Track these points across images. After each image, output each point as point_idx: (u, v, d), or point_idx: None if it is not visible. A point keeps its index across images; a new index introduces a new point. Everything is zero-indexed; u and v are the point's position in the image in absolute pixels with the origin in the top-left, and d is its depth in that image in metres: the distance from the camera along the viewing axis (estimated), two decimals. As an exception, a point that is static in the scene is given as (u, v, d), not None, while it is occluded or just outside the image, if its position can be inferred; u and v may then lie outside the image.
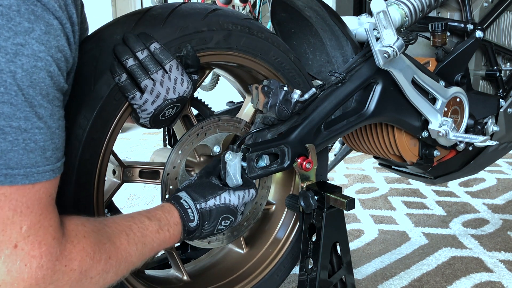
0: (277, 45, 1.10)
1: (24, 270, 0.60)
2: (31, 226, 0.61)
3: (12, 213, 0.59)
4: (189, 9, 0.98)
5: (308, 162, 1.07)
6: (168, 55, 0.88)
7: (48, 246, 0.63)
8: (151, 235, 0.80)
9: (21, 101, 0.56)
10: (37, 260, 0.61)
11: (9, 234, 0.59)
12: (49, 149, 0.60)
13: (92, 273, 0.69)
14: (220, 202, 0.91)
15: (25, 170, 0.58)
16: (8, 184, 0.57)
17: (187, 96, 0.93)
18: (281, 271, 1.22)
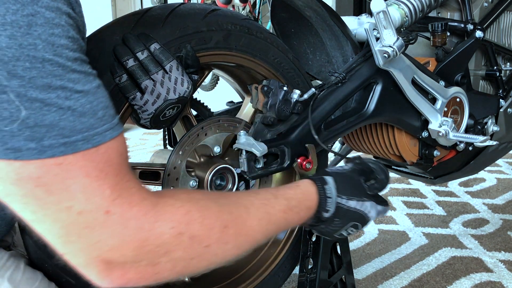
0: (276, 45, 1.10)
1: (125, 232, 0.60)
2: (113, 189, 0.59)
3: (89, 180, 0.58)
4: (189, 9, 0.98)
5: (308, 162, 1.07)
6: (168, 55, 0.88)
7: (140, 206, 0.61)
8: (276, 213, 0.77)
9: (51, 71, 0.54)
10: (133, 221, 0.60)
11: (96, 201, 0.58)
12: (99, 109, 0.59)
13: (206, 241, 0.66)
14: (360, 208, 0.90)
15: (83, 135, 0.57)
16: (71, 153, 0.56)
17: (188, 97, 0.93)
18: (283, 271, 1.22)
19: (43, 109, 0.54)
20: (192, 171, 1.09)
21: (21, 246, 0.90)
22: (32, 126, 0.54)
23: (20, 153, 0.54)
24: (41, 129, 0.54)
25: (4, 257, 0.78)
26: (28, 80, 0.53)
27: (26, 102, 0.53)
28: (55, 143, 0.55)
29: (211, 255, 0.68)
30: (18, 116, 0.53)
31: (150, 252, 0.62)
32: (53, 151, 0.55)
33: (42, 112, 0.54)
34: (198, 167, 1.09)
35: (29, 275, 0.80)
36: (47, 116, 0.54)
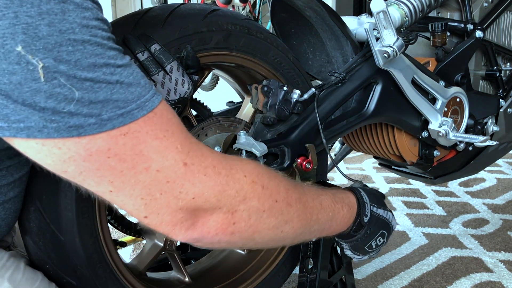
0: (276, 45, 1.10)
1: (205, 179, 0.64)
2: (183, 143, 0.63)
3: (159, 141, 0.61)
4: (189, 9, 0.98)
5: (308, 162, 1.07)
6: (168, 56, 0.88)
7: (212, 157, 0.66)
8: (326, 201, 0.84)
9: (92, 51, 0.57)
10: (212, 168, 0.65)
11: (172, 156, 0.62)
12: (140, 79, 0.62)
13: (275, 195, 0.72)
14: (386, 216, 0.96)
15: (136, 103, 0.60)
16: (132, 121, 0.59)
17: (188, 97, 0.93)
18: (283, 271, 1.22)
19: (94, 87, 0.57)
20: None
21: (21, 247, 0.90)
22: (87, 104, 0.57)
23: (83, 129, 0.57)
24: (97, 105, 0.57)
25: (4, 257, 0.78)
26: (74, 63, 0.56)
27: (77, 83, 0.56)
28: (113, 115, 0.58)
29: (278, 212, 0.73)
30: (73, 97, 0.56)
31: (230, 197, 0.67)
32: (113, 123, 0.58)
33: (93, 90, 0.57)
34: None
35: (29, 275, 0.80)
36: (99, 93, 0.57)
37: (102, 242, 0.90)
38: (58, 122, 0.56)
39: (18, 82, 0.54)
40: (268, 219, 0.72)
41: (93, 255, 0.88)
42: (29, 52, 0.54)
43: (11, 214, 0.80)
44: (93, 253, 0.88)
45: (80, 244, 0.86)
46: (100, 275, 0.89)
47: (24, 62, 0.54)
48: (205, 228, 0.67)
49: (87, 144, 0.57)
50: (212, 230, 0.68)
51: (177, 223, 0.65)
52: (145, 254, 1.10)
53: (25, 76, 0.54)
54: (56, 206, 0.83)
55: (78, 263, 0.86)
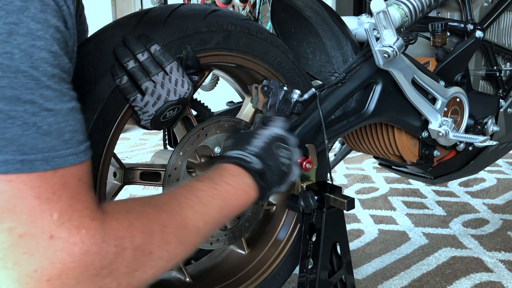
0: (276, 45, 1.10)
1: (68, 259, 0.55)
2: (63, 212, 0.55)
3: (38, 202, 0.54)
4: (189, 10, 0.98)
5: (308, 162, 1.07)
6: (168, 57, 0.88)
7: (88, 228, 0.57)
8: (206, 193, 0.75)
9: (23, 83, 0.52)
10: (79, 246, 0.56)
11: (41, 224, 0.54)
12: (66, 132, 0.56)
13: (149, 247, 0.63)
14: (264, 138, 0.89)
15: (43, 155, 0.54)
16: (27, 172, 0.53)
17: (188, 98, 0.93)
18: (283, 271, 1.22)
19: (6, 121, 0.51)
20: (193, 171, 1.09)
21: None
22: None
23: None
24: (0, 142, 0.52)
25: None
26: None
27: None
28: (11, 159, 0.52)
29: (156, 261, 0.65)
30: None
31: (93, 276, 0.58)
32: (8, 167, 0.52)
33: (4, 125, 0.51)
34: (198, 167, 1.09)
35: None
36: (9, 129, 0.52)
37: None
38: None
39: None
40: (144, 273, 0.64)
41: None
42: None
43: None
44: None
45: None
46: None
47: None
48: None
49: None
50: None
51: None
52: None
53: None
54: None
55: None
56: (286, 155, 0.90)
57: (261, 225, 1.28)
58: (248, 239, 1.26)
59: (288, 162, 0.91)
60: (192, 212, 0.71)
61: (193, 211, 0.71)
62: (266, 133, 0.90)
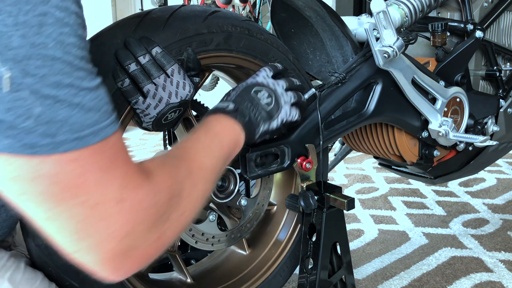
0: (276, 46, 1.10)
1: (135, 216, 0.63)
2: (123, 177, 0.62)
3: (101, 173, 0.60)
4: (189, 11, 0.97)
5: (308, 162, 1.07)
6: (169, 59, 0.88)
7: (144, 186, 0.65)
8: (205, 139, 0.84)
9: (60, 69, 0.56)
10: (141, 202, 0.64)
11: (108, 192, 0.61)
12: (102, 105, 0.61)
13: (186, 192, 0.72)
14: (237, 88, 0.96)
15: (92, 130, 0.59)
16: (82, 147, 0.58)
17: (189, 99, 0.93)
18: (284, 271, 1.23)
19: (55, 106, 0.56)
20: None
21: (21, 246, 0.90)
22: (45, 122, 0.55)
23: (36, 149, 0.55)
24: (55, 125, 0.56)
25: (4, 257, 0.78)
26: (40, 78, 0.55)
27: (39, 99, 0.55)
28: (68, 138, 0.57)
29: (193, 202, 0.74)
30: (32, 112, 0.55)
31: (158, 223, 0.66)
32: (66, 146, 0.57)
33: (54, 109, 0.56)
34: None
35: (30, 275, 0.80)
36: (59, 112, 0.56)
37: None
38: (13, 138, 0.54)
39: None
40: (189, 215, 0.74)
41: None
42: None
43: (12, 216, 0.80)
44: None
45: None
46: None
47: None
48: (136, 264, 0.66)
49: (36, 165, 0.56)
50: (144, 262, 0.67)
51: (107, 265, 0.63)
52: (146, 255, 1.10)
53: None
54: None
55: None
56: (267, 94, 0.96)
57: (261, 225, 1.28)
58: (249, 239, 1.26)
59: (270, 100, 0.96)
60: (202, 155, 0.80)
61: (202, 155, 0.80)
62: (242, 83, 0.98)
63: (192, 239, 1.09)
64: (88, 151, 0.59)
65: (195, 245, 1.10)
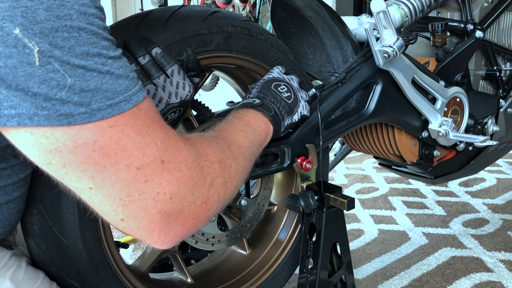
0: (276, 46, 1.10)
1: (179, 175, 0.65)
2: (162, 140, 0.64)
3: (141, 136, 0.62)
4: (189, 12, 0.97)
5: (308, 162, 1.07)
6: (169, 59, 0.88)
7: (185, 149, 0.67)
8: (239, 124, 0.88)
9: (86, 39, 0.58)
10: (184, 163, 0.66)
11: (151, 154, 0.62)
12: (129, 72, 0.62)
13: (227, 161, 0.75)
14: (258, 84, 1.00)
15: (123, 96, 0.60)
16: (118, 113, 0.60)
17: (189, 100, 0.93)
18: (285, 272, 1.23)
19: (85, 75, 0.57)
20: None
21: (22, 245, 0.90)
22: (78, 92, 0.57)
23: (73, 118, 0.57)
24: (88, 94, 0.57)
25: (6, 256, 0.78)
26: (68, 50, 0.56)
27: (69, 70, 0.56)
28: (102, 106, 0.58)
29: (235, 173, 0.76)
30: (65, 83, 0.56)
31: (202, 187, 0.68)
32: (102, 113, 0.58)
33: (85, 78, 0.57)
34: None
35: (31, 274, 0.80)
36: (91, 81, 0.58)
37: (105, 244, 0.90)
38: (49, 110, 0.56)
39: (13, 65, 0.54)
40: (231, 184, 0.75)
41: (96, 257, 0.88)
42: (26, 35, 0.54)
43: (14, 214, 0.80)
44: (96, 255, 0.88)
45: (83, 246, 0.85)
46: (103, 277, 0.89)
47: (21, 46, 0.54)
48: (185, 228, 0.67)
49: (75, 134, 0.57)
50: (192, 227, 0.69)
51: (155, 229, 0.64)
52: (147, 256, 1.10)
53: (21, 59, 0.54)
54: (58, 208, 0.83)
55: (81, 266, 0.86)
56: (286, 88, 1.00)
57: (262, 225, 1.28)
58: (249, 239, 1.26)
59: (289, 94, 1.00)
60: (238, 136, 0.83)
61: (238, 136, 0.83)
62: (260, 81, 1.02)
63: (192, 239, 1.09)
64: (123, 117, 0.60)
65: (195, 245, 1.10)
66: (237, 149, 0.80)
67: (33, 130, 0.57)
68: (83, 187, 0.61)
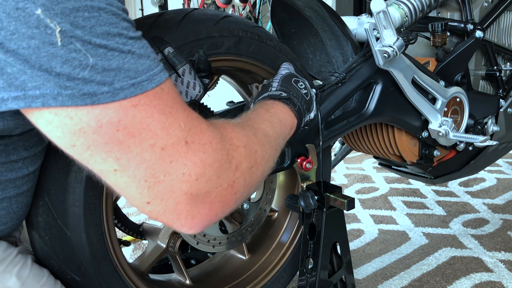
0: (285, 53, 1.11)
1: (204, 157, 0.64)
2: (186, 121, 0.64)
3: (164, 116, 0.62)
4: (201, 14, 0.99)
5: (308, 162, 1.07)
6: (181, 59, 0.89)
7: (209, 131, 0.66)
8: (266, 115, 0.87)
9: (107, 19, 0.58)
10: (209, 145, 0.65)
11: (175, 134, 0.62)
12: (150, 53, 0.63)
13: (253, 147, 0.74)
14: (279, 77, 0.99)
15: (146, 75, 0.60)
16: (141, 93, 0.60)
17: (199, 100, 0.94)
18: (283, 278, 1.23)
19: (107, 55, 0.58)
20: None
21: (26, 242, 0.90)
22: (101, 71, 0.57)
23: (96, 97, 0.57)
24: (110, 73, 0.58)
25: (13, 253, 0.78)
26: (90, 29, 0.57)
27: (91, 49, 0.57)
28: (125, 85, 0.59)
29: (261, 159, 0.76)
30: (87, 63, 0.56)
31: (227, 170, 0.68)
32: (125, 92, 0.58)
33: (107, 57, 0.58)
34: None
35: (36, 272, 0.80)
36: (112, 61, 0.58)
37: (108, 239, 0.90)
38: (73, 89, 0.56)
39: (36, 46, 0.55)
40: (257, 170, 0.75)
41: (98, 252, 0.88)
42: (47, 16, 0.54)
43: (22, 208, 0.81)
44: (98, 250, 0.88)
45: (86, 240, 0.86)
46: (104, 272, 0.89)
47: (43, 26, 0.54)
48: (212, 211, 0.67)
49: (98, 114, 0.58)
50: (219, 211, 0.68)
51: (182, 211, 0.64)
52: (147, 255, 1.10)
53: (43, 40, 0.55)
54: (64, 201, 0.83)
55: (83, 260, 0.86)
56: (303, 85, 0.99)
57: (262, 231, 1.28)
58: (249, 244, 1.26)
59: (306, 91, 1.00)
60: (264, 125, 0.82)
61: (265, 125, 0.83)
62: (279, 75, 1.00)
63: (193, 240, 1.10)
64: (146, 96, 0.60)
65: (197, 246, 1.10)
66: (263, 137, 0.79)
67: (57, 111, 0.57)
68: (108, 169, 0.61)
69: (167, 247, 1.10)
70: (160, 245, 1.10)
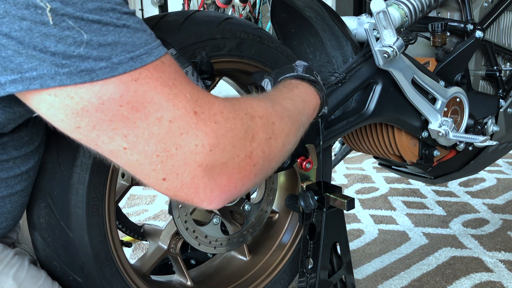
0: (286, 55, 1.12)
1: (216, 127, 0.63)
2: (192, 92, 0.62)
3: (168, 88, 0.60)
4: (204, 16, 0.99)
5: (308, 162, 1.07)
6: (184, 60, 0.89)
7: (218, 101, 0.65)
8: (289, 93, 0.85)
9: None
10: (220, 115, 0.64)
11: (182, 105, 0.61)
12: (146, 28, 0.61)
13: (271, 118, 0.72)
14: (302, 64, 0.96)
15: (144, 49, 0.59)
16: (140, 66, 0.58)
17: None
18: (284, 279, 1.23)
19: (101, 30, 0.57)
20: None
21: (25, 243, 0.90)
22: (97, 46, 0.56)
23: (94, 73, 0.56)
24: (106, 48, 0.57)
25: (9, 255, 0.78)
26: (81, 5, 0.56)
27: (84, 25, 0.56)
28: (123, 59, 0.57)
29: (279, 131, 0.73)
30: (81, 40, 0.55)
31: (243, 140, 0.66)
32: (124, 67, 0.57)
33: (102, 32, 0.57)
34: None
35: (33, 274, 0.80)
36: (108, 36, 0.57)
37: (110, 241, 0.90)
38: (69, 67, 0.55)
39: (28, 27, 0.54)
40: (276, 142, 0.73)
41: (101, 253, 0.88)
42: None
43: (17, 208, 0.80)
44: (101, 252, 0.88)
45: (89, 241, 0.86)
46: (107, 274, 0.90)
47: (33, 6, 0.54)
48: (231, 183, 0.65)
49: (99, 90, 0.57)
50: (239, 183, 0.66)
51: (199, 184, 0.62)
52: (148, 257, 1.10)
53: (35, 20, 0.54)
54: (67, 202, 0.83)
55: (86, 261, 0.86)
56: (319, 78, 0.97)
57: (263, 232, 1.28)
58: (250, 245, 1.27)
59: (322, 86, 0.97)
60: (286, 102, 0.80)
61: (287, 102, 0.80)
62: (301, 63, 0.98)
63: (195, 241, 1.10)
64: (147, 69, 0.59)
65: (198, 247, 1.11)
66: (282, 110, 0.76)
67: (57, 92, 0.56)
68: (118, 148, 0.60)
69: (169, 248, 1.10)
70: (162, 246, 1.10)
